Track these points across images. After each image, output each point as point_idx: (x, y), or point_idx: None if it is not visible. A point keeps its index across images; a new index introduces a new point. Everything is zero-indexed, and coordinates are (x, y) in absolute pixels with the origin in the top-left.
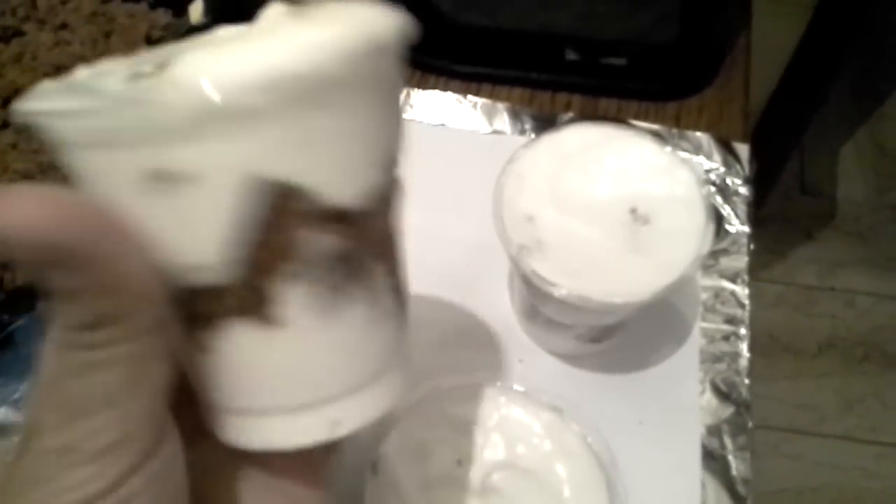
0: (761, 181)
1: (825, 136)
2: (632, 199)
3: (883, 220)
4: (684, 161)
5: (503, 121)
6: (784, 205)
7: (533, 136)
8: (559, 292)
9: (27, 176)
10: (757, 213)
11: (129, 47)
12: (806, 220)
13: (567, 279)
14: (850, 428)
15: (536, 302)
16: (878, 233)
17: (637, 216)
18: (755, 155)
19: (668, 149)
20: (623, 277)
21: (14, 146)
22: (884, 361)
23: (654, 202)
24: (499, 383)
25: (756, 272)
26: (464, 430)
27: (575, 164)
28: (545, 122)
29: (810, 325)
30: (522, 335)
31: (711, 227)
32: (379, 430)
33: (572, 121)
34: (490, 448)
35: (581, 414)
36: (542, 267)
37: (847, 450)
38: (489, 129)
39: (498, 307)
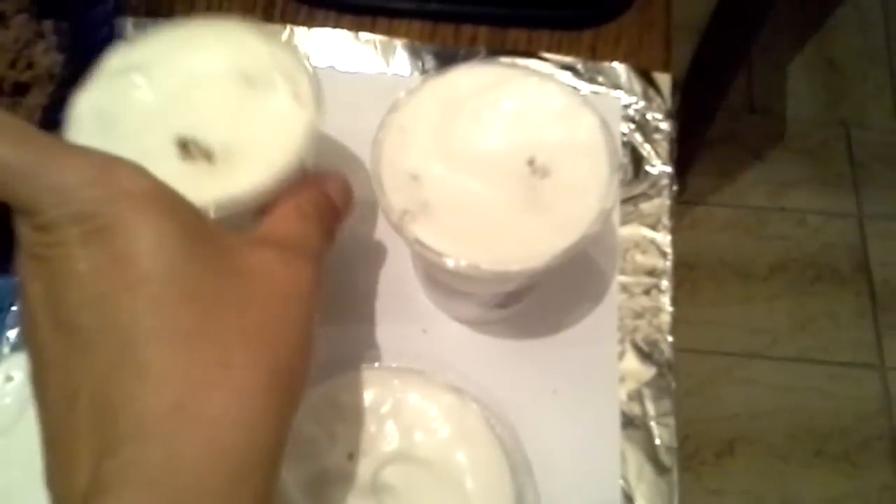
0: (707, 102)
1: (772, 52)
2: (529, 148)
3: (832, 136)
4: (587, 102)
5: (401, 60)
6: (732, 125)
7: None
8: (448, 263)
9: None
10: (705, 135)
11: None
12: (754, 140)
13: (456, 247)
14: (803, 349)
15: (430, 271)
16: (827, 149)
17: (535, 168)
18: (697, 76)
19: (570, 88)
20: (519, 240)
21: None
22: (836, 280)
23: (553, 151)
24: (394, 364)
25: (705, 196)
26: (355, 419)
27: (465, 111)
28: (448, 60)
29: (761, 248)
30: (426, 302)
31: (616, 179)
32: None
33: (464, 59)
34: (384, 438)
35: (484, 393)
36: (427, 235)
37: (801, 371)
38: (386, 71)
39: (399, 273)
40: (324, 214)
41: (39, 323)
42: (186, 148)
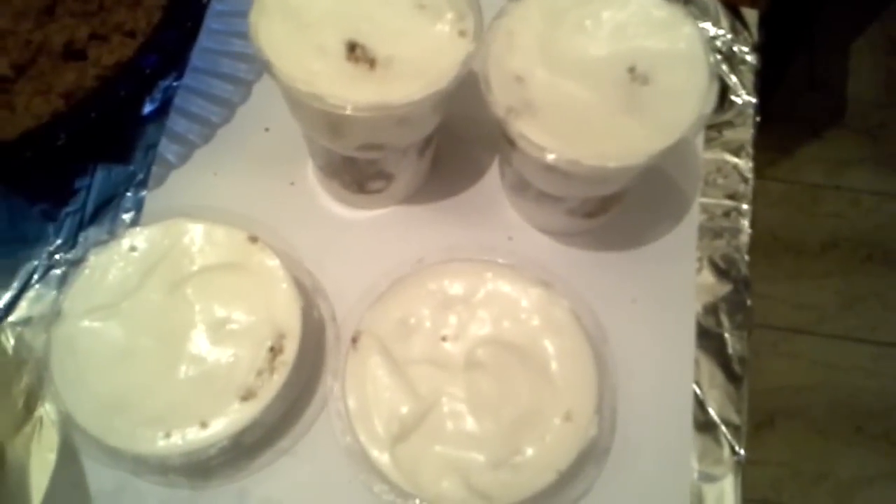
0: (768, 77)
1: (835, 30)
2: (630, 56)
3: (893, 117)
4: (688, 15)
5: None
6: (791, 101)
7: None
8: (549, 157)
9: None
10: (763, 109)
11: None
12: (813, 118)
13: (557, 143)
14: (849, 328)
15: (525, 172)
16: (887, 130)
17: (635, 75)
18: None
19: (671, 1)
20: (618, 140)
21: None
22: (886, 261)
23: (654, 59)
24: (485, 258)
25: (761, 170)
26: (448, 305)
27: (569, 20)
28: None
29: (814, 225)
30: (512, 213)
31: (715, 87)
32: (361, 304)
33: None
34: (475, 323)
35: (571, 289)
36: (531, 130)
37: (846, 349)
38: None
39: (486, 183)
40: None
41: None
42: (354, 51)
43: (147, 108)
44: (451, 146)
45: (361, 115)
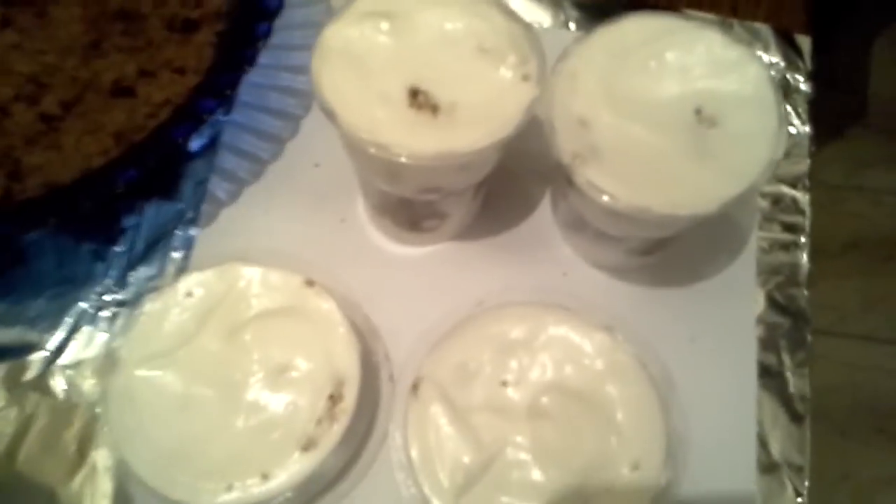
0: None
1: (857, 29)
2: (696, 98)
3: None
4: (755, 55)
5: (542, 11)
6: (811, 100)
7: (574, 28)
8: (617, 204)
9: (32, 79)
10: None
11: None
12: (834, 117)
13: (625, 189)
14: (871, 328)
15: (588, 214)
16: None
17: (702, 118)
18: None
19: (738, 41)
20: (687, 186)
21: (16, 47)
22: None
23: (721, 101)
24: (546, 302)
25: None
26: (509, 350)
27: (633, 61)
28: (592, 12)
29: (835, 225)
30: (565, 247)
31: (785, 130)
32: (419, 348)
33: (629, 9)
34: (537, 368)
35: (634, 332)
36: (597, 177)
37: (868, 349)
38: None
39: (538, 217)
40: None
41: None
42: (416, 97)
43: (195, 144)
44: (501, 180)
45: (424, 164)
